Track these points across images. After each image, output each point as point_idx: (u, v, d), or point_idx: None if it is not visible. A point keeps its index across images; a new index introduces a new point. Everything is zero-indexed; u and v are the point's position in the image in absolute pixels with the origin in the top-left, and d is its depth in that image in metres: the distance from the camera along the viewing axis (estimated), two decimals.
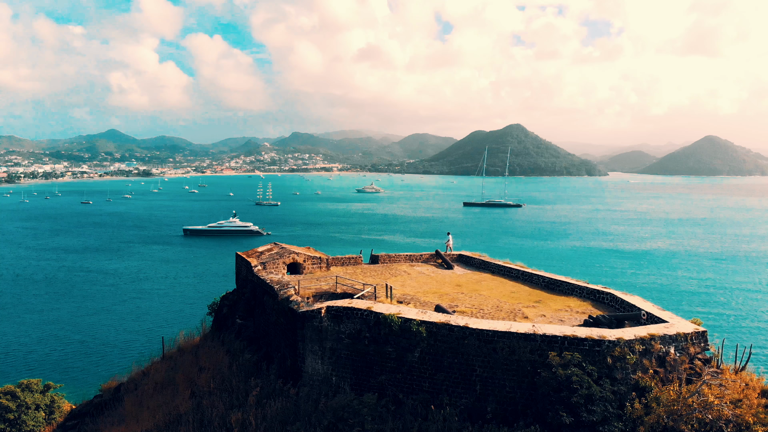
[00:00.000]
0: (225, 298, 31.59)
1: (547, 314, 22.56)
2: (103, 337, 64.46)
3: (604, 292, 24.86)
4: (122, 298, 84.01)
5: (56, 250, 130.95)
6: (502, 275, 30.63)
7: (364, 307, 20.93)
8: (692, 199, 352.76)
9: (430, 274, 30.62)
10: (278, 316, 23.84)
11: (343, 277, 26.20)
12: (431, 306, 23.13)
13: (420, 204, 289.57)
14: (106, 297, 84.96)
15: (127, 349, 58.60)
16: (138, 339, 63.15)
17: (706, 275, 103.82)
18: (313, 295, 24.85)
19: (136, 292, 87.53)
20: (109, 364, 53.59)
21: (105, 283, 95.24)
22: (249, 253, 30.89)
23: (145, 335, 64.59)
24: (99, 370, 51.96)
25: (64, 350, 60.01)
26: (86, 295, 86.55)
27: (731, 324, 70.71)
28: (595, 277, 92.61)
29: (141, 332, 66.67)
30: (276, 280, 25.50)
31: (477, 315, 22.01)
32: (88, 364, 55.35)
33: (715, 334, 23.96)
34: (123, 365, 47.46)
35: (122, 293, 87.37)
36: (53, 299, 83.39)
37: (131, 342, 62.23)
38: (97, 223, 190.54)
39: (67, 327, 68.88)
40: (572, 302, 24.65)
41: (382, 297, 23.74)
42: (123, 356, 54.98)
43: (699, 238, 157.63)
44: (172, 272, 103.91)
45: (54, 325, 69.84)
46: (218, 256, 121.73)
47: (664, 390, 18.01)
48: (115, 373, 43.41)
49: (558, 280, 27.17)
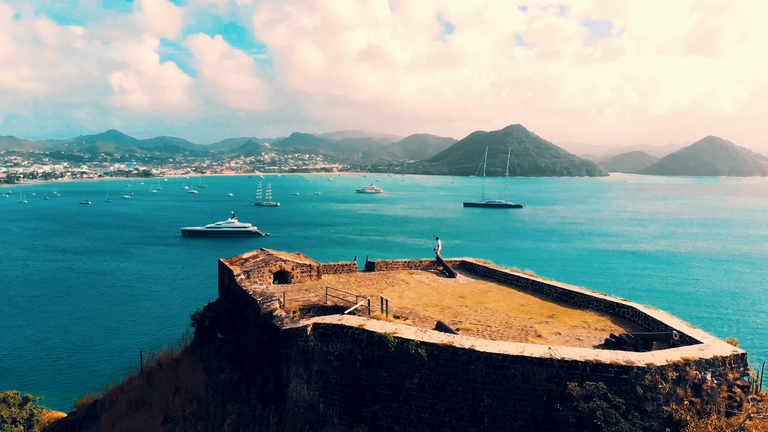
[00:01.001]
0: (208, 308, 29.09)
1: (563, 332, 20.05)
2: (87, 344, 61.77)
3: (624, 306, 22.34)
4: (113, 303, 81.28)
5: (51, 251, 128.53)
6: (510, 285, 28.10)
7: (356, 324, 18.44)
8: (704, 199, 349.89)
9: (431, 284, 28.10)
10: (261, 332, 21.34)
11: (334, 288, 23.71)
12: (432, 322, 20.62)
13: (420, 204, 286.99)
14: (96, 301, 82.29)
15: (111, 359, 55.90)
16: (126, 346, 60.51)
17: (731, 283, 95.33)
18: (301, 309, 22.34)
19: (128, 296, 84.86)
20: (94, 373, 51.05)
21: (97, 285, 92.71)
22: (233, 260, 28.36)
23: (134, 340, 61.99)
24: (82, 380, 49.37)
25: (47, 358, 57.39)
26: (76, 298, 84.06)
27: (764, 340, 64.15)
28: (608, 284, 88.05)
29: (129, 337, 64.03)
30: (259, 292, 22.99)
31: (484, 333, 19.50)
32: (70, 373, 52.75)
33: (753, 355, 21.48)
34: (106, 375, 45.00)
35: (113, 297, 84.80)
36: (43, 302, 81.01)
37: (117, 350, 59.49)
38: (95, 224, 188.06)
39: (52, 332, 66.29)
40: (589, 317, 22.14)
41: (377, 311, 21.25)
42: (109, 366, 52.37)
43: (715, 239, 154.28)
44: (168, 275, 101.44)
45: (40, 329, 67.28)
46: (215, 257, 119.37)
47: (701, 424, 15.53)
48: (103, 381, 41.03)
49: (572, 291, 24.64)
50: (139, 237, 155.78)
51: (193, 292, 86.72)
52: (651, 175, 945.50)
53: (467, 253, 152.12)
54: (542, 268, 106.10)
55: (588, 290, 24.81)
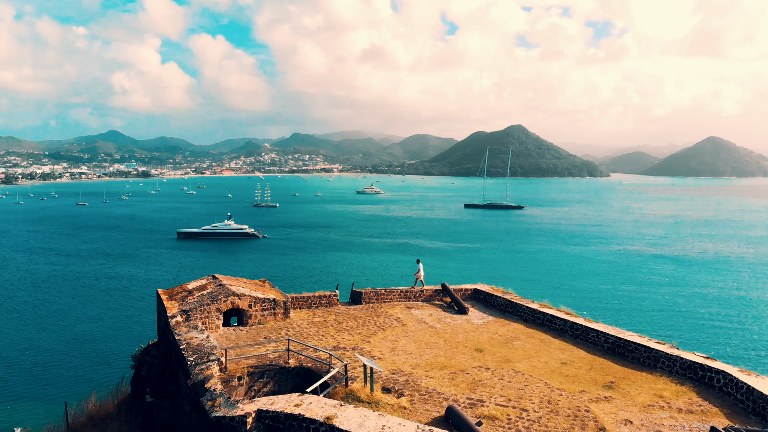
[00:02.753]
0: (146, 352, 22.45)
1: (635, 418, 13.44)
2: (28, 376, 50.01)
3: (710, 369, 15.73)
4: (76, 317, 71.04)
5: (45, 253, 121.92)
6: (540, 327, 21.37)
7: (321, 417, 11.86)
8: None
9: (436, 326, 21.40)
10: (191, 408, 14.77)
11: (299, 342, 17.06)
12: (438, 402, 14.02)
13: (420, 206, 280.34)
14: (55, 315, 71.21)
15: (33, 407, 43.20)
16: (59, 385, 47.95)
17: None
18: (251, 373, 15.74)
19: (80, 317, 71.50)
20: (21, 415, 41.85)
21: (66, 294, 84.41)
22: (174, 292, 21.59)
23: (69, 378, 49.42)
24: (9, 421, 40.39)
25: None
26: (29, 312, 73.93)
27: None
28: (645, 310, 72.96)
29: (67, 373, 51.04)
30: (195, 345, 16.39)
31: (519, 426, 12.88)
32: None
33: None
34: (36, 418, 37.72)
35: (64, 312, 74.40)
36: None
37: (41, 396, 46.23)
38: (89, 225, 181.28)
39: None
40: (663, 386, 15.52)
41: (359, 379, 14.65)
42: (28, 415, 42.48)
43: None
44: (144, 282, 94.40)
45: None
46: (209, 261, 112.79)
47: None
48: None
49: (629, 342, 17.95)
50: (132, 239, 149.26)
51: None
52: (652, 175, 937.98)
53: (469, 256, 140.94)
54: (554, 278, 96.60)
55: (651, 340, 18.13)
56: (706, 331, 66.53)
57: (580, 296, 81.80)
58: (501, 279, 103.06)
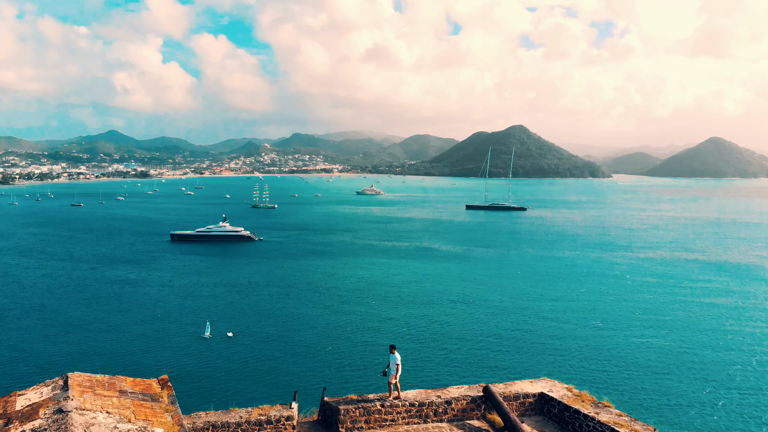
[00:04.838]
0: None
1: None
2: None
3: None
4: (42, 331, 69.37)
5: (28, 256, 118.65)
6: None
7: None
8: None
9: None
10: None
11: None
12: None
13: (421, 207, 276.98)
14: (15, 329, 66.34)
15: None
16: None
17: None
18: None
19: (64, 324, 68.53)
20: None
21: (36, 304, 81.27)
22: (6, 404, 9.33)
23: None
24: None
25: None
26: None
27: None
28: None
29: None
30: None
31: None
32: None
33: None
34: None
35: (50, 321, 73.75)
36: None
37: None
38: (82, 227, 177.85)
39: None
40: None
41: None
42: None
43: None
44: (137, 292, 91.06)
45: None
46: (204, 264, 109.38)
47: None
48: None
49: None
50: (124, 241, 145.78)
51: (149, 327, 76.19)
52: (654, 176, 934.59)
53: (473, 260, 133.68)
54: (572, 289, 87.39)
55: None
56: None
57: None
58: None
